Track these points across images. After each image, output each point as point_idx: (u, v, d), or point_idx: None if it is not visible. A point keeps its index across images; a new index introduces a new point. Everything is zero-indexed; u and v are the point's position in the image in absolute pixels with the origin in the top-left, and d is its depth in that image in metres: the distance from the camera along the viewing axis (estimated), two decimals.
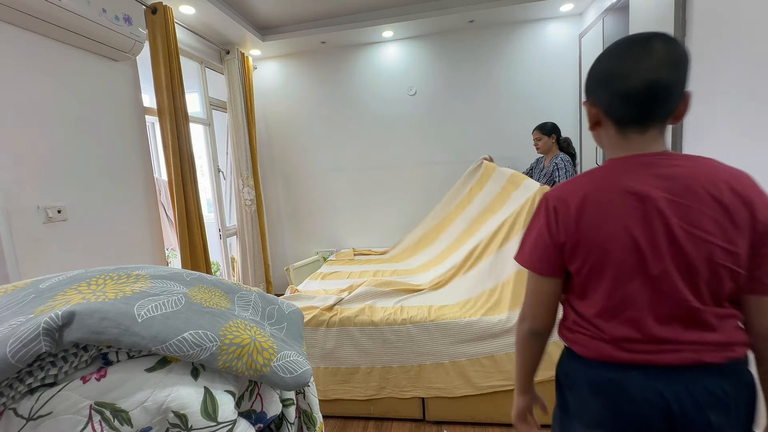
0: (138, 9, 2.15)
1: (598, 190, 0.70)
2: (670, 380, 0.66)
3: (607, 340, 0.70)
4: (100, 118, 2.07)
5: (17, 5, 1.55)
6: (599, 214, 0.68)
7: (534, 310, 0.79)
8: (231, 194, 3.47)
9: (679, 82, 0.66)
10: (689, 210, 0.64)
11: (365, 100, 3.62)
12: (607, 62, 0.70)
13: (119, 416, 0.52)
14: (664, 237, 0.64)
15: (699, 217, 0.63)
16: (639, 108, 0.67)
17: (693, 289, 0.65)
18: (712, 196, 0.63)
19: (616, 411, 0.69)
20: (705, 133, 1.82)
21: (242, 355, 0.59)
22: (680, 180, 0.65)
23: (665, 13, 2.01)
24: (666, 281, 0.65)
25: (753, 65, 1.53)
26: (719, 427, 0.65)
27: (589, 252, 0.69)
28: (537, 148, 2.68)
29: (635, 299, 0.67)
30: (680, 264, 0.64)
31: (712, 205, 0.63)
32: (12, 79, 1.66)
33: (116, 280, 0.64)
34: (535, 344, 0.82)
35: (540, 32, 3.28)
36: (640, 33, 0.67)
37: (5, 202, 1.59)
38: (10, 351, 0.47)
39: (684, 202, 0.64)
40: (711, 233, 0.63)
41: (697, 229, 0.63)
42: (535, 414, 0.94)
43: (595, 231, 0.68)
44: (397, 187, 3.68)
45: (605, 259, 0.68)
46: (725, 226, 0.63)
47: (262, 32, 3.31)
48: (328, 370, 1.91)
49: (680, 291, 0.65)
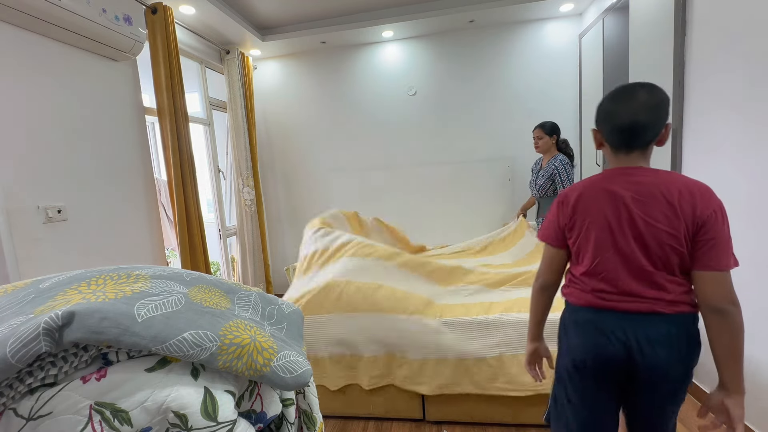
0: (138, 9, 2.15)
1: (589, 189, 0.99)
2: (631, 322, 0.94)
3: (589, 291, 0.99)
4: (100, 118, 2.07)
5: (17, 5, 1.55)
6: (587, 206, 0.98)
7: (545, 270, 1.10)
8: (231, 194, 3.47)
9: (656, 121, 0.93)
10: (647, 205, 0.91)
11: (365, 100, 3.62)
12: (607, 104, 0.99)
13: (119, 416, 0.52)
14: (627, 222, 0.93)
15: (653, 210, 0.91)
16: (625, 139, 0.96)
17: (648, 259, 0.93)
18: (665, 198, 0.90)
19: (593, 343, 0.97)
20: (705, 132, 1.82)
21: (242, 355, 0.59)
22: (644, 185, 0.92)
23: (665, 13, 2.01)
24: (629, 253, 0.93)
25: (753, 65, 1.53)
26: (665, 359, 0.93)
27: (579, 231, 1.00)
28: (536, 147, 2.67)
29: (609, 264, 0.96)
30: (639, 241, 0.93)
31: (663, 203, 0.90)
32: (12, 79, 1.66)
33: (116, 280, 0.64)
34: (544, 297, 1.13)
35: (540, 32, 3.28)
36: (632, 83, 0.96)
37: (5, 202, 1.59)
38: (10, 351, 0.47)
39: (644, 200, 0.91)
40: (660, 222, 0.90)
41: (651, 219, 0.91)
42: (544, 366, 1.22)
43: (583, 217, 0.99)
44: (397, 186, 3.68)
45: (589, 235, 0.98)
46: (671, 217, 0.89)
47: (262, 32, 3.31)
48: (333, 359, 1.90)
49: (639, 260, 0.93)
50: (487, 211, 3.54)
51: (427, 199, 3.64)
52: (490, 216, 3.53)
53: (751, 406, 1.64)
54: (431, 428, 1.88)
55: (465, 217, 3.59)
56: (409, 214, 3.67)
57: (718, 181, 1.73)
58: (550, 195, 2.62)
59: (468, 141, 3.49)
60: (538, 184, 2.66)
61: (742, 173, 1.61)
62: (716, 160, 1.75)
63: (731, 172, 1.67)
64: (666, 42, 2.01)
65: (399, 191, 3.68)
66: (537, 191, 2.70)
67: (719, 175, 1.73)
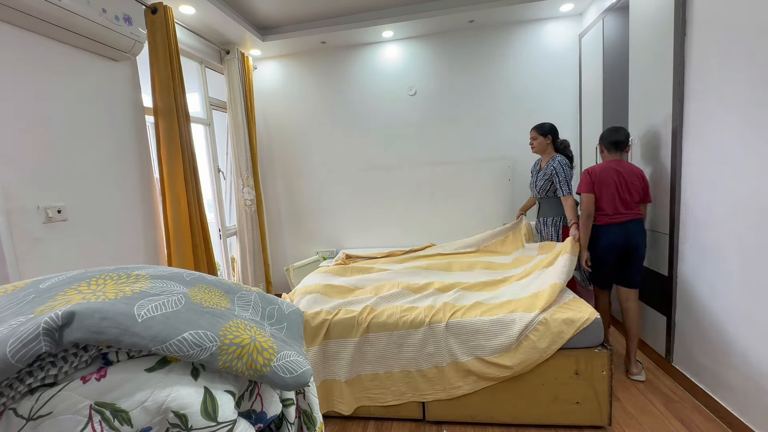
0: (138, 9, 2.15)
1: (602, 168, 2.17)
2: (625, 226, 2.13)
3: (603, 215, 2.18)
4: (100, 118, 2.07)
5: (17, 5, 1.55)
6: (602, 175, 2.16)
7: (586, 206, 2.18)
8: (231, 194, 3.47)
9: (626, 141, 2.21)
10: (629, 176, 2.13)
11: (365, 101, 3.62)
12: (607, 133, 2.24)
13: (119, 416, 0.52)
14: (623, 183, 2.12)
15: (632, 178, 2.13)
16: (616, 147, 2.21)
17: (631, 197, 2.13)
18: (635, 173, 2.14)
19: (608, 241, 2.16)
20: (705, 132, 1.82)
21: (242, 355, 0.59)
22: (626, 168, 2.14)
23: (665, 13, 2.01)
24: (623, 196, 2.13)
25: (753, 65, 1.52)
26: (642, 242, 2.14)
27: (599, 186, 2.16)
28: (532, 147, 2.67)
29: (612, 201, 2.14)
30: (628, 190, 2.13)
31: (635, 176, 2.13)
32: (12, 79, 1.66)
33: (116, 280, 0.64)
34: (590, 221, 2.21)
35: (540, 32, 3.28)
36: (617, 127, 2.24)
37: (5, 202, 1.59)
38: (10, 351, 0.47)
39: (627, 174, 2.13)
40: (635, 183, 2.13)
41: (631, 183, 2.12)
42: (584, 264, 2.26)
43: (600, 179, 2.16)
44: (397, 186, 3.68)
45: (603, 189, 2.15)
46: (637, 183, 2.13)
47: (262, 32, 3.31)
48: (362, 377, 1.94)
49: (627, 198, 2.13)
50: (487, 211, 3.54)
51: (427, 198, 3.64)
52: (490, 216, 3.54)
53: (751, 406, 1.64)
54: (431, 428, 1.88)
55: (465, 217, 3.59)
56: (409, 214, 3.68)
57: (718, 181, 1.74)
58: (551, 196, 2.62)
59: (468, 141, 3.49)
60: (538, 186, 2.67)
61: (742, 172, 1.61)
62: (716, 159, 1.75)
63: (731, 172, 1.67)
64: (666, 42, 2.01)
65: (399, 191, 3.68)
66: (537, 192, 2.70)
67: (719, 174, 1.74)
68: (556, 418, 1.79)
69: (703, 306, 1.88)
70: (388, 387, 1.90)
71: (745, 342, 1.65)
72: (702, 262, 1.88)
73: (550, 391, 1.77)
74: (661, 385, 2.07)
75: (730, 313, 1.72)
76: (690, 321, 1.98)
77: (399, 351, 1.88)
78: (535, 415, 1.80)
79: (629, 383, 2.11)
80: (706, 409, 1.85)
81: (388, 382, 1.90)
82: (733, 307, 1.70)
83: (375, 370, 1.91)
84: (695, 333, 1.95)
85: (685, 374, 2.03)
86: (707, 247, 1.84)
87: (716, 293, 1.79)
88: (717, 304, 1.79)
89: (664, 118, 2.08)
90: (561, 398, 1.77)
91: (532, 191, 2.79)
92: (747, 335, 1.64)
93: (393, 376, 1.89)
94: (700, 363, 1.93)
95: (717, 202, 1.76)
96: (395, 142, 3.62)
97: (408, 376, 1.88)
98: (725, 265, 1.73)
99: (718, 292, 1.78)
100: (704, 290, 1.87)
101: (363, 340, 1.90)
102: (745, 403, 1.66)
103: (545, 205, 2.69)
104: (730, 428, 1.70)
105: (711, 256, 1.82)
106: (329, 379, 1.94)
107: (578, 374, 1.74)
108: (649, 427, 1.77)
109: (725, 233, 1.72)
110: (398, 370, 1.89)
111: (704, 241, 1.86)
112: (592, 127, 3.02)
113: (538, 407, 1.79)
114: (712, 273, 1.82)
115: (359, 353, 1.91)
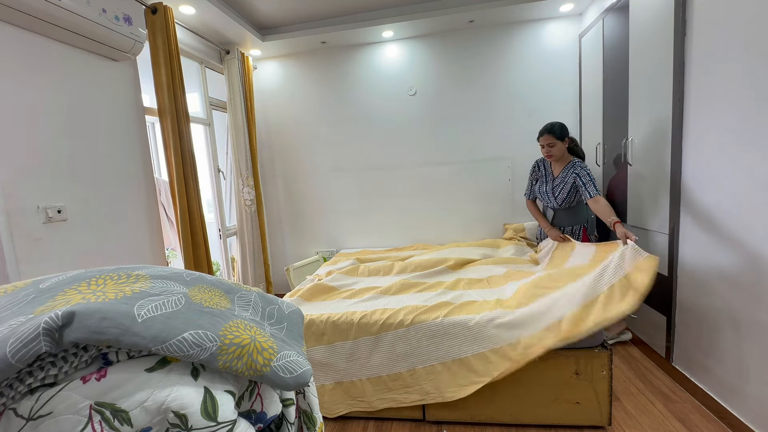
0: (138, 9, 2.15)
1: None
2: None
3: None
4: (100, 118, 2.08)
5: (17, 5, 1.55)
6: None
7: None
8: (231, 194, 3.47)
9: None
10: None
11: (365, 101, 3.62)
12: None
13: (119, 416, 0.52)
14: None
15: None
16: None
17: None
18: None
19: None
20: (705, 132, 1.82)
21: (242, 355, 0.59)
22: None
23: (665, 13, 2.01)
24: None
25: (753, 65, 1.52)
26: None
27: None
28: (549, 156, 2.37)
29: None
30: None
31: None
32: (12, 79, 1.66)
33: (116, 280, 0.64)
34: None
35: (540, 32, 3.28)
36: None
37: (5, 202, 1.59)
38: (10, 351, 0.47)
39: None
40: None
41: None
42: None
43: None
44: (397, 186, 3.68)
45: None
46: None
47: (262, 32, 3.31)
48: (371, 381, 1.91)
49: None
50: (487, 211, 3.54)
51: (427, 198, 3.64)
52: (490, 216, 3.54)
53: (751, 406, 1.64)
54: (431, 428, 1.88)
55: (465, 217, 3.59)
56: (409, 214, 3.67)
57: (718, 180, 1.74)
58: (574, 206, 2.41)
59: (468, 141, 3.49)
60: (559, 199, 2.40)
61: (742, 172, 1.61)
62: (716, 159, 1.75)
63: (731, 171, 1.67)
64: (666, 42, 2.01)
65: (399, 191, 3.68)
66: (558, 204, 2.44)
67: (719, 173, 1.73)
68: (556, 418, 1.79)
69: (703, 306, 1.88)
70: (412, 386, 1.86)
71: (746, 342, 1.65)
72: (702, 262, 1.88)
73: (550, 392, 1.77)
74: (661, 385, 2.07)
75: (730, 313, 1.72)
76: (690, 321, 1.98)
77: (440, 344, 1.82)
78: (535, 415, 1.80)
79: (629, 383, 2.11)
80: (706, 409, 1.85)
81: (411, 381, 1.86)
82: (734, 306, 1.70)
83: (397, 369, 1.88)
84: (695, 333, 1.95)
85: (685, 374, 2.03)
86: (707, 247, 1.84)
87: (716, 293, 1.79)
88: (717, 304, 1.79)
89: (664, 117, 2.08)
90: (561, 398, 1.77)
91: (546, 201, 2.53)
92: (747, 335, 1.64)
93: (417, 373, 1.84)
94: (700, 363, 1.93)
95: (717, 202, 1.76)
96: (395, 142, 3.62)
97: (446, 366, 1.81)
98: (726, 265, 1.73)
99: (718, 292, 1.78)
100: (704, 290, 1.87)
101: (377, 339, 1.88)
102: (745, 403, 1.66)
103: (563, 214, 2.50)
104: (730, 428, 1.70)
105: (711, 256, 1.82)
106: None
107: (578, 374, 1.74)
108: (649, 427, 1.77)
109: (725, 233, 1.72)
110: (421, 367, 1.83)
111: (704, 241, 1.86)
112: (592, 127, 3.02)
113: (538, 407, 1.79)
114: (712, 273, 1.82)
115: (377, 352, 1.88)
